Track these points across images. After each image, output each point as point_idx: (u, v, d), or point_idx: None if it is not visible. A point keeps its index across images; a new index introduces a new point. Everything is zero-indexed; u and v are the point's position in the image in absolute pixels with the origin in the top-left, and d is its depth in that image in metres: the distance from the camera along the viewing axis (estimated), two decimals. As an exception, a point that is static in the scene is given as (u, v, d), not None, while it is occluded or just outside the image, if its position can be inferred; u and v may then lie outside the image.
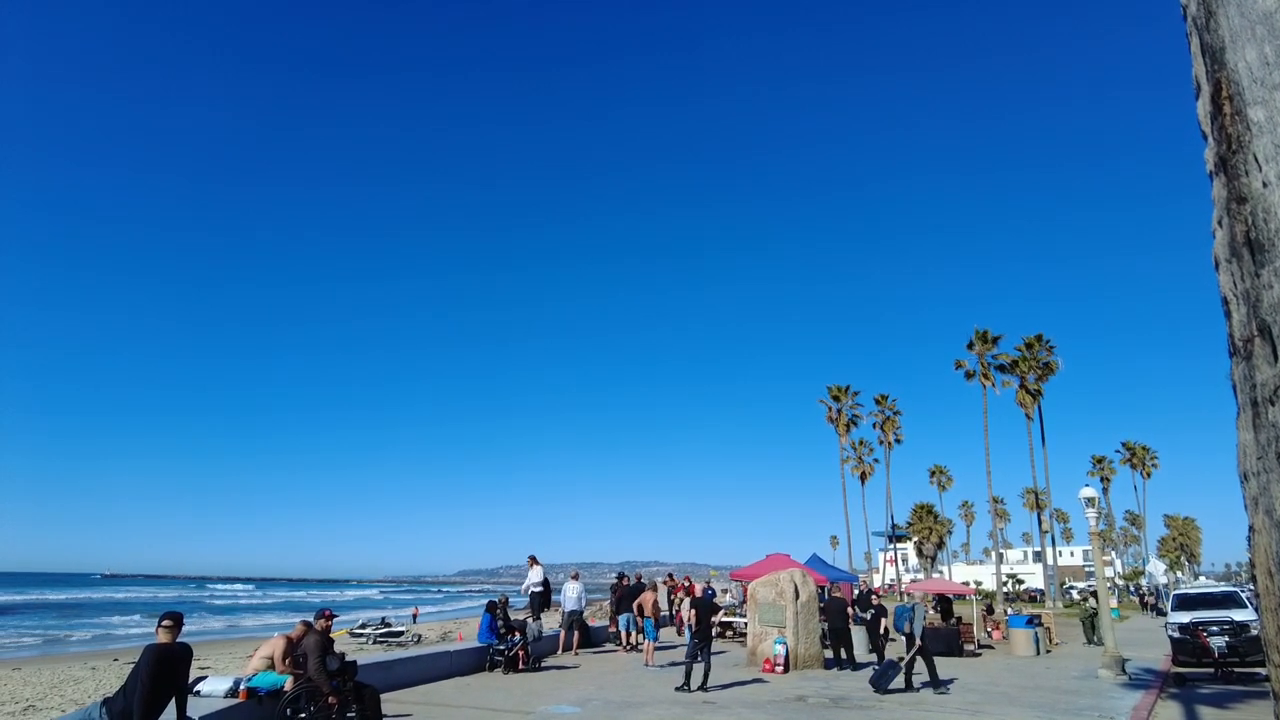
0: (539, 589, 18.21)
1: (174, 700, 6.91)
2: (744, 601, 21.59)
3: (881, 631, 17.59)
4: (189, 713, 7.12)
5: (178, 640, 6.97)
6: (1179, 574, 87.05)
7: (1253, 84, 2.25)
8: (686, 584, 23.93)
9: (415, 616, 37.92)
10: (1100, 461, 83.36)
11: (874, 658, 17.27)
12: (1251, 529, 2.43)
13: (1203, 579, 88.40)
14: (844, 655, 16.92)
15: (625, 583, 19.76)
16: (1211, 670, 15.75)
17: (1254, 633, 15.51)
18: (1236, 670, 15.66)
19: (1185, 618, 16.36)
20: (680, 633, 21.65)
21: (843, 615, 17.43)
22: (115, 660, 26.27)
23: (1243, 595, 18.00)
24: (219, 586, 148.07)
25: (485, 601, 16.33)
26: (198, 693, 8.52)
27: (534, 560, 18.69)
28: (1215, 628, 15.70)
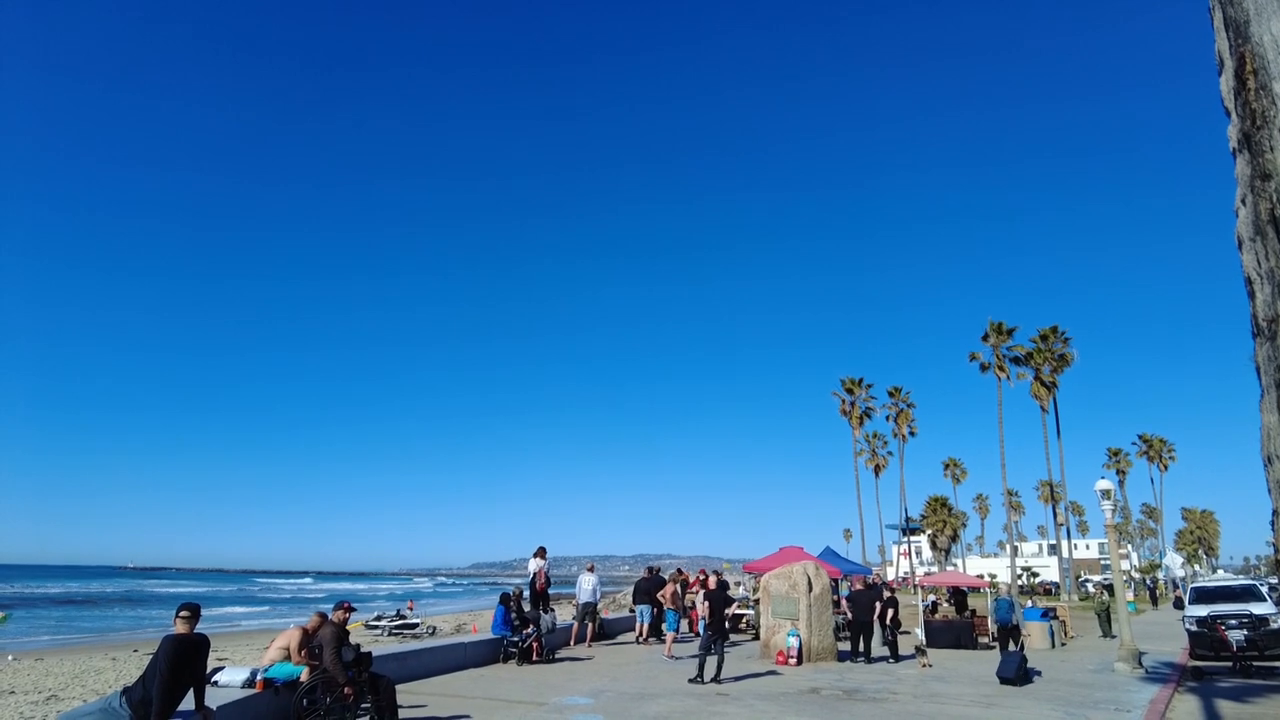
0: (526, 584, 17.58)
1: (192, 690, 7.01)
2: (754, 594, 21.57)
3: (889, 624, 17.53)
4: (207, 702, 7.22)
5: (195, 631, 7.06)
6: (1197, 567, 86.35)
7: (1278, 57, 2.21)
8: (702, 577, 23.88)
9: (410, 609, 38.06)
10: (1116, 454, 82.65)
11: (886, 651, 17.25)
12: (1275, 514, 2.38)
13: (1221, 572, 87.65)
14: (862, 648, 16.88)
15: (649, 574, 19.82)
16: (1230, 664, 15.61)
17: (1273, 626, 15.35)
18: (1255, 664, 15.52)
19: (1203, 611, 16.21)
20: (690, 628, 21.66)
21: (871, 609, 17.35)
22: (135, 651, 26.65)
23: (1262, 589, 17.81)
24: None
25: (499, 594, 16.37)
26: (215, 683, 8.62)
27: (537, 553, 17.78)
28: (1234, 621, 15.57)
